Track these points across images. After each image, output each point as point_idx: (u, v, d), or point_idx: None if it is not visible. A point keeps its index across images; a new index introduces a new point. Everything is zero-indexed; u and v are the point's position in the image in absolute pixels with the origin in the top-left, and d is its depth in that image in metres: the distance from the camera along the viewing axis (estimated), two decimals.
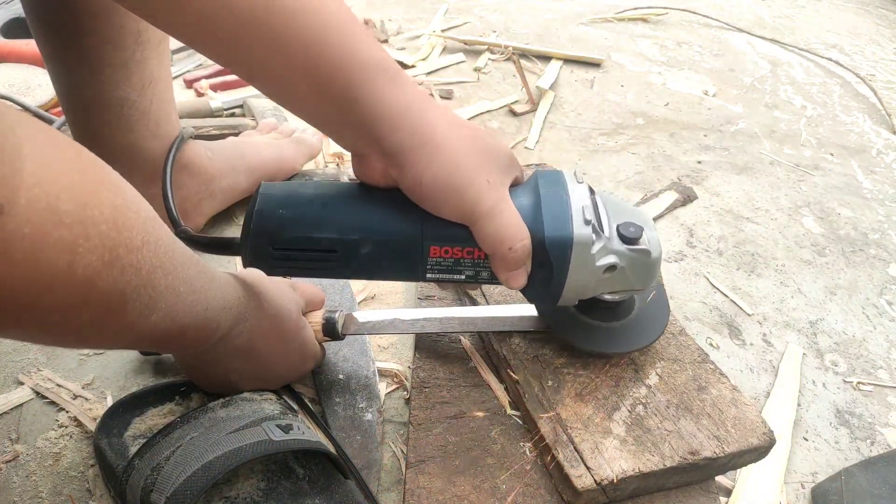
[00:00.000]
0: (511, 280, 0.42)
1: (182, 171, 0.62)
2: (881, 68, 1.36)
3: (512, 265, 0.41)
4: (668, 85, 1.19)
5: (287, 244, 0.42)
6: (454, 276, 0.44)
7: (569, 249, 0.41)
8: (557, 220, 0.41)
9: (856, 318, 0.71)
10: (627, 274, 0.43)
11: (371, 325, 0.52)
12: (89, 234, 0.26)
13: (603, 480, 0.40)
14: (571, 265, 0.41)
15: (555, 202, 0.42)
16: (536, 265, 0.42)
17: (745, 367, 0.63)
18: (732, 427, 0.44)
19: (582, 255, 0.41)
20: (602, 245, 0.41)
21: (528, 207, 0.42)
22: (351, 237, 0.42)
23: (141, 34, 0.53)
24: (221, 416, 0.43)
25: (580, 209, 0.41)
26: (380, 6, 1.36)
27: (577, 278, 0.42)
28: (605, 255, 0.41)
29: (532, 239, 0.41)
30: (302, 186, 0.44)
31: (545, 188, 0.42)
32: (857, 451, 0.57)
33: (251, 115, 0.89)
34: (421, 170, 0.39)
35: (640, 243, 0.42)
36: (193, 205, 0.65)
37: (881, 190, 0.96)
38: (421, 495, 0.42)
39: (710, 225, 0.83)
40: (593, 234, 0.41)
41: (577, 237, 0.40)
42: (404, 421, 0.53)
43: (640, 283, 0.44)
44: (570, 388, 0.46)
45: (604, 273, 0.42)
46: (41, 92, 0.85)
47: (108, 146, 0.57)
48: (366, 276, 0.44)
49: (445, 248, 0.42)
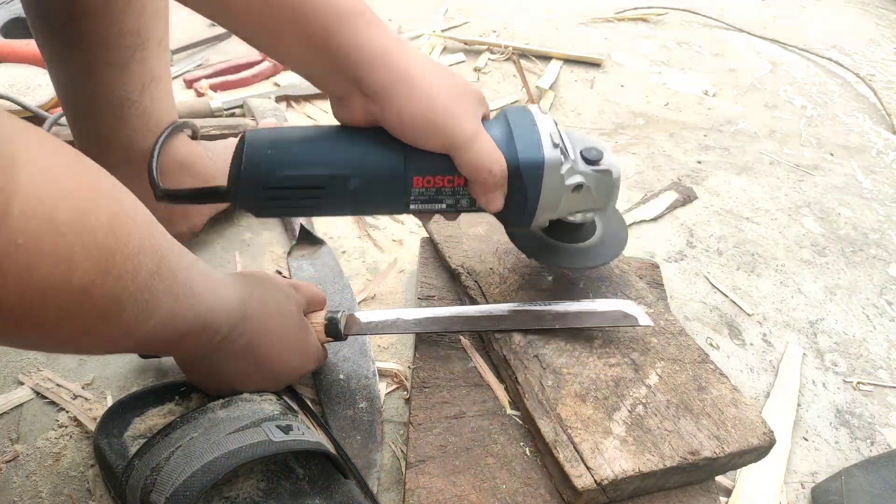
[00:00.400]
0: (490, 203, 0.45)
1: (182, 172, 0.62)
2: (881, 68, 1.36)
3: (491, 188, 0.44)
4: (668, 85, 1.19)
5: (277, 183, 0.44)
6: (435, 205, 0.47)
7: (541, 170, 0.45)
8: (529, 145, 0.45)
9: (856, 318, 0.71)
10: (592, 193, 0.47)
11: (374, 325, 0.52)
12: (86, 242, 0.26)
13: (603, 480, 0.40)
14: (543, 185, 0.45)
15: (525, 130, 0.46)
16: (512, 189, 0.46)
17: (745, 367, 0.63)
18: (732, 427, 0.44)
19: (552, 176, 0.45)
20: (569, 166, 0.46)
21: (501, 137, 0.46)
22: (338, 172, 0.44)
23: (141, 34, 0.53)
24: (221, 417, 0.43)
25: (548, 135, 0.45)
26: (380, 6, 1.36)
27: (548, 198, 0.46)
28: (573, 175, 0.46)
29: (507, 164, 0.44)
30: (286, 130, 0.46)
31: (514, 119, 0.47)
32: (857, 451, 0.57)
33: (251, 115, 0.89)
34: (401, 105, 0.42)
35: (602, 164, 0.47)
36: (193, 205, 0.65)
37: (881, 190, 0.96)
38: (421, 495, 0.42)
39: (710, 225, 0.83)
40: (562, 155, 0.45)
41: (548, 159, 0.45)
42: (404, 421, 0.53)
43: (603, 203, 0.49)
44: (570, 388, 0.46)
45: (572, 192, 0.47)
46: (41, 92, 0.85)
47: (108, 146, 0.57)
48: (352, 210, 0.48)
49: (428, 178, 0.45)
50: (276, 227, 0.73)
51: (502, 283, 0.55)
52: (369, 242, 0.72)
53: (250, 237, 0.71)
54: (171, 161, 0.60)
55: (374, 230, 0.74)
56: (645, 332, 0.51)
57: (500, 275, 0.56)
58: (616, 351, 0.49)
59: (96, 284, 0.27)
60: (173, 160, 0.61)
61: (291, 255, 0.67)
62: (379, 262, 0.70)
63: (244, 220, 0.73)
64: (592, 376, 0.47)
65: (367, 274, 0.68)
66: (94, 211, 0.26)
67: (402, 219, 0.76)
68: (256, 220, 0.73)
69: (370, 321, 0.52)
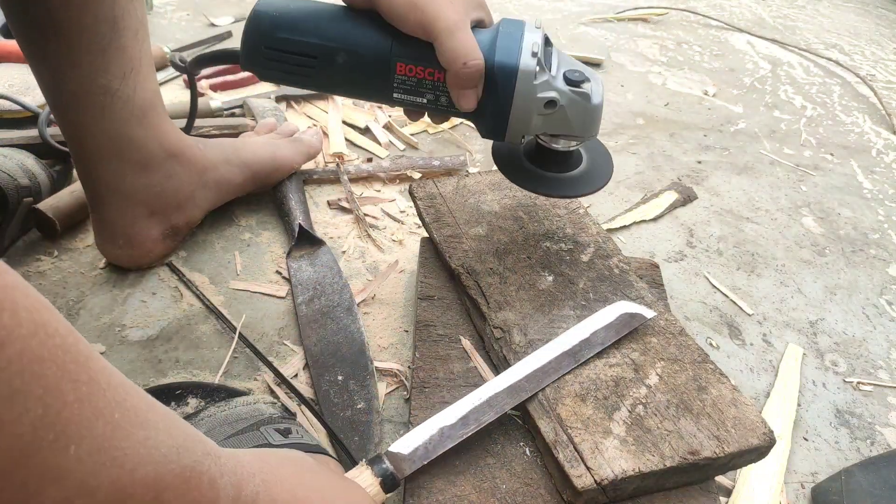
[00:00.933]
0: (462, 99, 0.46)
1: (172, 160, 0.62)
2: (881, 68, 1.36)
3: (464, 81, 0.45)
4: (668, 85, 1.19)
5: (276, 44, 0.47)
6: (417, 97, 0.48)
7: (514, 77, 0.45)
8: (508, 50, 0.46)
9: (856, 318, 0.71)
10: (568, 115, 0.47)
11: (422, 449, 0.43)
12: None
13: (603, 480, 0.40)
14: (515, 93, 0.46)
15: (509, 38, 0.47)
16: (486, 93, 0.47)
17: (745, 367, 0.63)
18: (732, 427, 0.44)
19: (525, 84, 0.46)
20: (545, 80, 0.46)
21: (486, 40, 0.47)
22: (329, 45, 0.47)
23: (117, 22, 0.53)
24: (219, 420, 0.43)
25: (530, 45, 0.46)
26: None
27: (519, 107, 0.47)
28: (547, 90, 0.46)
29: (486, 65, 0.45)
30: (295, 1, 0.49)
31: (504, 28, 0.47)
32: (857, 451, 0.57)
33: (251, 115, 0.89)
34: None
35: (583, 87, 0.47)
36: (187, 195, 0.65)
37: (881, 190, 0.95)
38: (421, 495, 0.42)
39: (710, 225, 0.83)
40: (537, 66, 0.45)
41: (522, 65, 0.45)
42: (404, 421, 0.53)
43: (580, 129, 0.48)
44: (570, 388, 0.46)
45: (545, 107, 0.47)
46: (41, 92, 0.85)
47: (94, 137, 0.57)
48: (342, 89, 0.50)
49: (410, 67, 0.47)
50: (277, 227, 0.73)
51: (502, 283, 0.55)
52: (369, 242, 0.72)
53: (250, 237, 0.71)
54: (160, 149, 0.61)
55: (374, 230, 0.74)
56: (645, 332, 0.51)
57: (500, 275, 0.56)
58: (616, 351, 0.49)
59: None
60: (162, 148, 0.61)
61: (291, 255, 0.67)
62: (379, 262, 0.70)
63: (244, 220, 0.73)
64: (592, 376, 0.47)
65: (367, 274, 0.68)
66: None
67: (402, 218, 0.76)
68: (256, 221, 0.73)
69: (416, 447, 0.43)
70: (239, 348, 0.58)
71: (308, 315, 0.61)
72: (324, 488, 0.36)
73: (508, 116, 0.47)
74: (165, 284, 0.64)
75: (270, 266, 0.68)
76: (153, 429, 0.25)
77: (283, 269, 0.67)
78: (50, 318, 0.22)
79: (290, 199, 0.72)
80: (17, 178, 0.65)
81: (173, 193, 0.63)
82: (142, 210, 0.62)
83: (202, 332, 0.59)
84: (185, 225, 0.66)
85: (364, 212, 0.76)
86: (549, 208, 0.63)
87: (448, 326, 0.54)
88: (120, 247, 0.63)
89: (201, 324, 0.60)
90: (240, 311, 0.62)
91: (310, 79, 0.49)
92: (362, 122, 0.94)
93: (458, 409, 0.45)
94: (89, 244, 0.67)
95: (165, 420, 0.27)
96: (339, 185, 0.81)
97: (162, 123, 0.61)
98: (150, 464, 0.25)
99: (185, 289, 0.63)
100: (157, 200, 0.62)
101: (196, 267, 0.67)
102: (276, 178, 0.74)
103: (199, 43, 1.11)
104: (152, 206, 0.62)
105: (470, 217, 0.61)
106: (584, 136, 0.49)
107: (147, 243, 0.63)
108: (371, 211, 0.77)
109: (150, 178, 0.61)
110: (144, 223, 0.62)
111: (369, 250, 0.71)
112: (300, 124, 0.89)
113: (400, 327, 0.62)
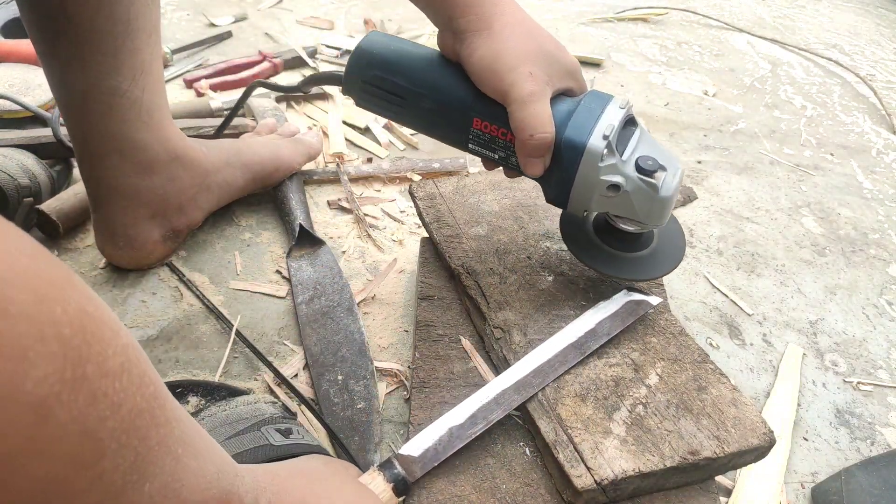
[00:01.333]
0: (528, 166, 0.47)
1: (175, 163, 0.62)
2: (881, 68, 1.36)
3: (530, 151, 0.46)
4: (668, 85, 1.19)
5: (372, 80, 0.51)
6: (489, 152, 0.51)
7: (580, 155, 0.46)
8: (580, 127, 0.46)
9: (856, 318, 0.71)
10: (633, 201, 0.46)
11: (432, 451, 0.43)
12: (45, 335, 0.18)
13: (603, 480, 0.40)
14: (579, 171, 0.46)
15: (587, 113, 0.46)
16: (554, 163, 0.47)
17: (745, 367, 0.63)
18: (732, 427, 0.44)
19: (590, 164, 0.46)
20: (612, 163, 0.45)
21: (563, 111, 0.47)
22: (416, 89, 0.50)
23: (131, 22, 0.53)
24: (220, 420, 0.43)
25: (605, 125, 0.45)
26: (380, 6, 1.36)
27: (582, 185, 0.47)
28: (612, 174, 0.46)
29: (556, 137, 0.46)
30: (398, 41, 0.52)
31: (587, 102, 0.47)
32: (857, 451, 0.57)
33: (251, 116, 0.89)
34: (473, 49, 0.46)
35: (653, 177, 0.45)
36: (189, 198, 0.65)
37: (881, 190, 0.95)
38: (421, 495, 0.42)
39: (710, 225, 0.83)
40: (605, 149, 0.45)
41: (590, 145, 0.45)
42: (404, 421, 0.53)
43: (645, 217, 0.47)
44: (570, 388, 0.46)
45: (608, 190, 0.46)
46: (41, 92, 0.85)
47: (100, 137, 0.57)
48: (424, 130, 0.53)
49: (485, 123, 0.49)
50: (277, 226, 0.73)
51: (502, 283, 0.55)
52: (369, 242, 0.72)
53: (250, 237, 0.71)
54: (164, 151, 0.61)
55: (374, 230, 0.74)
56: (645, 332, 0.51)
57: (500, 275, 0.56)
58: (616, 351, 0.49)
59: (61, 401, 0.19)
60: (166, 150, 0.61)
61: (291, 255, 0.67)
62: (379, 262, 0.70)
63: (244, 220, 0.73)
64: (592, 376, 0.47)
65: (367, 274, 0.68)
66: (61, 300, 0.19)
67: (402, 218, 0.76)
68: (256, 221, 0.73)
69: (426, 449, 0.43)
70: (239, 348, 0.58)
71: (308, 315, 0.61)
72: (334, 498, 0.37)
73: (570, 189, 0.47)
74: (165, 284, 0.64)
75: (270, 266, 0.68)
76: (202, 458, 0.27)
77: (283, 268, 0.67)
78: (147, 367, 0.24)
79: (291, 199, 0.72)
80: (17, 178, 0.65)
81: (176, 196, 0.63)
82: (144, 212, 0.62)
83: (202, 332, 0.59)
84: (185, 227, 0.66)
85: (364, 212, 0.76)
86: (550, 208, 0.63)
87: (448, 326, 0.54)
88: (120, 248, 0.63)
89: (201, 324, 0.60)
90: (239, 311, 0.62)
91: (397, 115, 0.53)
92: (362, 122, 0.94)
93: (465, 408, 0.45)
94: (89, 244, 0.67)
95: (208, 446, 0.28)
96: (340, 186, 0.81)
97: (167, 126, 0.61)
98: (198, 491, 0.26)
99: (185, 289, 0.63)
100: (160, 202, 0.62)
101: (196, 267, 0.67)
102: (277, 178, 0.74)
103: (199, 43, 1.11)
104: (154, 207, 0.62)
105: (470, 217, 0.61)
106: (648, 223, 0.48)
107: (148, 245, 0.63)
108: (371, 211, 0.77)
109: (153, 180, 0.61)
110: (146, 225, 0.62)
111: (369, 250, 0.71)
112: (300, 124, 0.89)
113: (400, 327, 0.62)
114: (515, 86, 0.45)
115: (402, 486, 0.41)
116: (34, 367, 0.18)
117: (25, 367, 0.18)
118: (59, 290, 0.20)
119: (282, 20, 1.25)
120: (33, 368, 0.18)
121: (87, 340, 0.20)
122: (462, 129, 0.50)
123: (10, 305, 0.17)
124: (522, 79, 0.45)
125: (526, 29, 0.47)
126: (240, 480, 0.30)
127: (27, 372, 0.18)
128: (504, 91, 0.46)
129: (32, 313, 0.18)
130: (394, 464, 0.41)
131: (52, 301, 0.19)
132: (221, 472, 0.28)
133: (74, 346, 0.19)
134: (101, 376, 0.20)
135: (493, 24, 0.46)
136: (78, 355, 0.19)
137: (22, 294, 0.18)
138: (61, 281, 0.20)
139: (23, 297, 0.18)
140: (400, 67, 0.50)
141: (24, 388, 0.18)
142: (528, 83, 0.45)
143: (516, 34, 0.47)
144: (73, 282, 0.21)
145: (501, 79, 0.46)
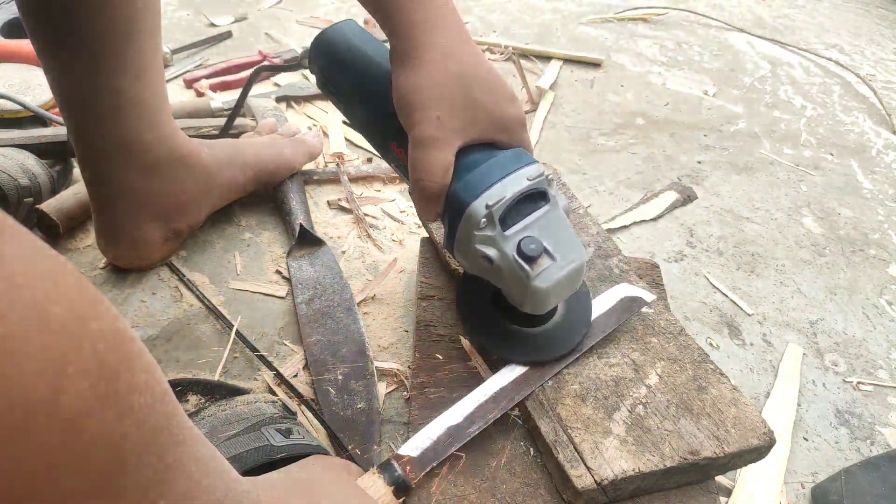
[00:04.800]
0: (418, 208, 0.46)
1: (177, 164, 0.62)
2: (881, 68, 1.36)
3: (417, 195, 0.45)
4: (668, 85, 1.19)
5: (322, 69, 0.52)
6: (407, 178, 0.48)
7: (460, 214, 0.43)
8: (472, 186, 0.42)
9: (856, 318, 0.71)
10: (506, 279, 0.43)
11: (431, 451, 0.43)
12: (83, 349, 0.19)
13: (603, 480, 0.40)
14: (459, 230, 0.44)
15: (488, 174, 0.43)
16: (445, 212, 0.45)
17: (745, 367, 0.63)
18: (732, 427, 0.44)
19: (467, 229, 0.43)
20: (491, 235, 0.42)
21: (468, 163, 0.44)
22: (352, 95, 0.51)
23: (132, 23, 0.53)
24: (220, 420, 0.43)
25: (495, 193, 0.42)
26: None
27: (462, 245, 0.44)
28: (488, 245, 0.42)
29: (450, 188, 0.44)
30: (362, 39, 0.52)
31: (500, 161, 0.44)
32: (857, 451, 0.57)
33: (251, 116, 0.89)
34: (397, 76, 0.45)
35: (530, 263, 0.41)
36: (191, 199, 0.65)
37: (881, 190, 0.95)
38: (421, 495, 0.42)
39: (710, 225, 0.83)
40: (485, 219, 0.42)
41: (470, 208, 0.42)
42: (404, 421, 0.53)
43: (518, 300, 0.44)
44: (570, 388, 0.46)
45: (482, 259, 0.43)
46: (41, 92, 0.85)
47: (103, 139, 0.56)
48: (361, 133, 0.53)
49: (401, 150, 0.47)
50: (277, 227, 0.73)
51: None
52: (369, 242, 0.72)
53: (250, 237, 0.71)
54: (167, 152, 0.60)
55: (374, 230, 0.74)
56: (645, 331, 0.51)
57: None
58: (616, 351, 0.49)
59: (93, 416, 0.19)
60: (169, 151, 0.61)
61: (291, 255, 0.67)
62: (379, 262, 0.70)
63: (244, 220, 0.73)
64: (592, 376, 0.47)
65: (367, 274, 0.68)
66: (97, 317, 0.20)
67: (402, 218, 0.76)
68: (256, 221, 0.73)
69: (425, 449, 0.43)
70: (239, 348, 0.58)
71: (308, 315, 0.61)
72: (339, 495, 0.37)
73: (453, 244, 0.45)
74: (165, 284, 0.64)
75: (270, 266, 0.68)
76: (213, 476, 0.27)
77: (283, 268, 0.67)
78: (166, 385, 0.24)
79: (292, 198, 0.72)
80: (17, 178, 0.65)
81: (178, 197, 0.63)
82: (146, 212, 0.62)
83: (202, 332, 0.59)
84: (187, 227, 0.66)
85: (364, 212, 0.76)
86: None
87: (448, 326, 0.54)
88: (122, 248, 0.62)
89: (201, 323, 0.60)
90: (239, 310, 0.62)
91: (344, 112, 0.53)
92: None
93: (463, 407, 0.45)
94: (89, 244, 0.67)
95: (218, 465, 0.28)
96: (340, 185, 0.81)
97: (169, 126, 0.61)
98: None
99: (185, 289, 0.63)
100: (162, 203, 0.62)
101: (196, 267, 0.67)
102: (277, 178, 0.74)
103: (199, 43, 1.11)
104: (156, 208, 0.62)
105: None
106: (522, 308, 0.44)
107: (149, 245, 0.63)
108: (371, 211, 0.77)
109: (155, 181, 0.61)
110: (148, 225, 0.62)
111: (369, 250, 0.71)
112: (300, 124, 0.89)
113: (400, 327, 0.62)
114: (418, 126, 0.43)
115: (402, 487, 0.41)
116: (72, 382, 0.18)
117: (64, 381, 0.18)
118: (95, 307, 0.20)
119: (282, 20, 1.25)
120: (71, 383, 0.18)
121: (119, 357, 0.21)
122: (385, 147, 0.50)
123: (53, 322, 0.18)
124: (427, 121, 0.43)
125: (458, 69, 0.44)
126: (245, 497, 0.31)
127: (65, 387, 0.18)
128: (409, 128, 0.44)
129: (72, 329, 0.19)
130: (393, 466, 0.41)
131: (90, 318, 0.20)
132: (229, 490, 0.29)
133: (108, 361, 0.20)
134: (129, 392, 0.21)
135: (424, 55, 0.43)
136: (111, 371, 0.20)
137: (63, 310, 0.18)
138: (94, 297, 0.21)
139: (63, 313, 0.18)
140: (344, 67, 0.50)
141: (62, 403, 0.18)
142: (430, 127, 0.43)
143: (441, 72, 0.43)
144: (102, 298, 0.21)
145: (409, 115, 0.44)
